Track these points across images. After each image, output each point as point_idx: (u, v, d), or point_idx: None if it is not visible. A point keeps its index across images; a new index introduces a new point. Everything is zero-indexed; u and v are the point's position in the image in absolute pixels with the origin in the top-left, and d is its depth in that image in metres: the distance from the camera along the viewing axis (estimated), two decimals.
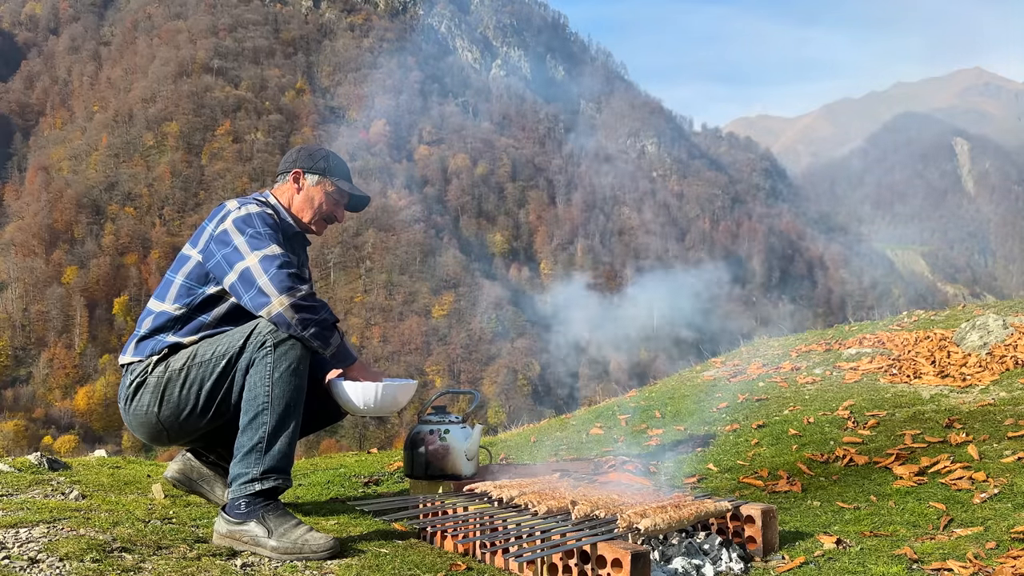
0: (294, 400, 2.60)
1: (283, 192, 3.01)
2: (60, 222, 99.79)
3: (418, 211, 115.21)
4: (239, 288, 2.64)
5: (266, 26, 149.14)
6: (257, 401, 2.57)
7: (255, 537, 2.48)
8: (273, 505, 2.54)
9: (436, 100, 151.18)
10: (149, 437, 2.83)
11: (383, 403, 2.81)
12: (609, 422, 4.98)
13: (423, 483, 3.18)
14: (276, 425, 2.56)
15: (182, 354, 2.72)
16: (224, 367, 2.65)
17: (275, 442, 2.55)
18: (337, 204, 3.03)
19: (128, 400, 2.77)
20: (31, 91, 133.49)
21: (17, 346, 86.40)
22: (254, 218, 2.75)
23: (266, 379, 2.58)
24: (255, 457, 2.54)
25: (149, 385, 2.72)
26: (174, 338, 2.75)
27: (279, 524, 2.50)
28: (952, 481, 3.17)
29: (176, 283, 2.80)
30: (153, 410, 2.72)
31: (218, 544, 2.52)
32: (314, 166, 3.00)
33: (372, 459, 4.52)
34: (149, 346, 2.77)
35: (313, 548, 2.45)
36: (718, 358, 6.84)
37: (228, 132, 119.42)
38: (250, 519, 2.50)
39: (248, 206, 2.81)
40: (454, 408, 3.40)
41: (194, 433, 2.81)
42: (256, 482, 2.52)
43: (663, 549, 2.50)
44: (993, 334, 5.26)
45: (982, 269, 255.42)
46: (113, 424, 75.39)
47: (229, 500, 2.56)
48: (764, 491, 3.34)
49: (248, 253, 2.65)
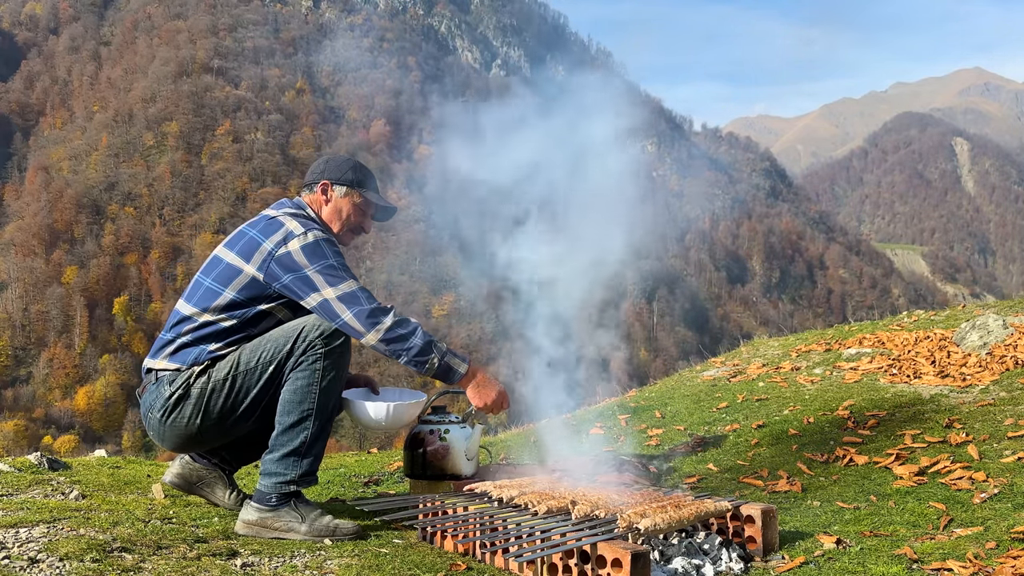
0: (334, 409, 2.74)
1: (313, 202, 3.00)
2: (60, 222, 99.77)
3: (418, 211, 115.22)
4: (322, 315, 2.68)
5: (266, 26, 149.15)
6: (303, 406, 2.64)
7: (288, 523, 2.64)
8: (302, 497, 2.71)
9: (436, 100, 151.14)
10: (179, 447, 2.84)
11: (393, 421, 2.92)
12: (609, 422, 4.97)
13: (423, 483, 3.18)
14: (317, 432, 2.68)
15: (224, 363, 2.70)
16: (271, 374, 2.68)
17: (313, 448, 2.69)
18: (365, 215, 3.03)
19: (167, 412, 2.72)
20: (31, 91, 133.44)
21: (17, 346, 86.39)
22: (323, 247, 2.73)
23: (314, 385, 2.65)
24: (293, 460, 2.66)
25: (191, 397, 2.69)
26: (217, 347, 2.73)
27: (308, 512, 2.66)
28: (952, 481, 3.17)
29: (225, 296, 2.75)
30: (195, 423, 2.71)
31: (242, 533, 2.64)
32: (342, 177, 2.98)
33: (372, 459, 4.52)
34: (192, 355, 2.73)
35: (344, 531, 2.64)
36: (718, 358, 6.84)
37: (228, 132, 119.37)
38: (282, 507, 2.65)
39: (314, 231, 2.77)
40: (454, 408, 3.40)
41: (228, 437, 2.83)
42: (292, 484, 2.66)
43: (663, 549, 2.50)
44: (993, 334, 5.26)
45: (982, 269, 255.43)
46: (113, 424, 75.44)
47: (259, 491, 2.67)
48: (764, 491, 3.34)
49: (324, 287, 2.66)
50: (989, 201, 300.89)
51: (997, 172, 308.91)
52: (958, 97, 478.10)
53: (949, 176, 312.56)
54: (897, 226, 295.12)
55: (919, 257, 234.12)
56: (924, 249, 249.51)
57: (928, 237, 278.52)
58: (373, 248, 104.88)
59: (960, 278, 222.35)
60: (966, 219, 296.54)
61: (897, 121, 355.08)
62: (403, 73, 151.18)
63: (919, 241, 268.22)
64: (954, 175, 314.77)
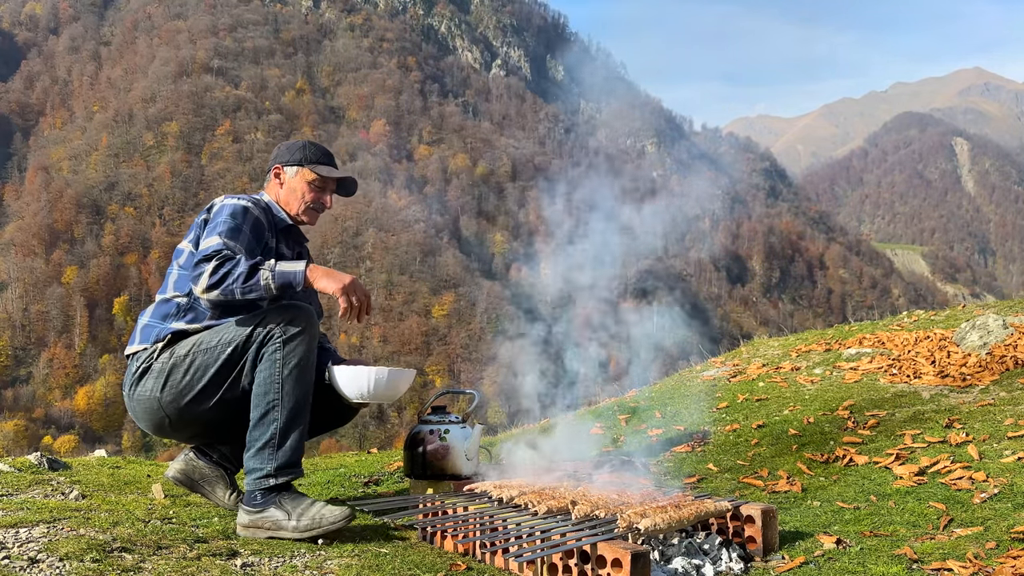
0: (303, 396, 2.68)
1: (271, 190, 3.07)
2: (60, 222, 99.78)
3: (418, 211, 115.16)
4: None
5: (266, 26, 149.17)
6: (268, 397, 2.64)
7: (276, 521, 2.62)
8: (287, 491, 2.68)
9: (436, 100, 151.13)
10: (152, 425, 2.84)
11: (378, 389, 2.84)
12: (609, 422, 4.97)
13: (423, 483, 3.18)
14: (287, 422, 2.65)
15: (187, 341, 2.75)
16: (230, 355, 2.68)
17: (287, 439, 2.65)
18: (321, 190, 3.04)
19: (132, 386, 2.80)
20: (31, 91, 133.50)
21: (17, 346, 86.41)
22: (226, 209, 2.81)
23: (276, 375, 2.64)
24: (268, 453, 2.65)
25: (153, 371, 2.76)
26: (178, 325, 2.78)
27: (296, 506, 2.64)
28: (952, 481, 3.17)
29: (174, 273, 2.85)
30: (156, 394, 2.74)
31: (242, 535, 2.64)
32: (291, 159, 3.04)
33: (372, 459, 4.52)
34: (153, 332, 2.80)
35: (330, 520, 2.60)
36: (718, 358, 6.84)
37: (228, 132, 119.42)
38: (268, 506, 2.64)
39: (228, 200, 2.87)
40: (454, 408, 3.40)
41: (197, 423, 2.82)
42: (271, 478, 2.64)
43: (663, 549, 2.50)
44: (993, 334, 5.26)
45: (982, 269, 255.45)
46: (113, 424, 75.45)
47: (246, 492, 2.68)
48: (764, 491, 3.34)
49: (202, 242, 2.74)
50: (989, 201, 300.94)
51: (997, 172, 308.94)
52: (958, 97, 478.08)
53: (949, 176, 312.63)
54: (897, 226, 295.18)
55: (919, 257, 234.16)
56: (924, 249, 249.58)
57: (928, 237, 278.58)
58: (373, 248, 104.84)
59: (960, 278, 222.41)
60: (966, 219, 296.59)
61: (897, 121, 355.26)
62: (403, 73, 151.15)
63: (919, 241, 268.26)
64: (954, 175, 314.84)
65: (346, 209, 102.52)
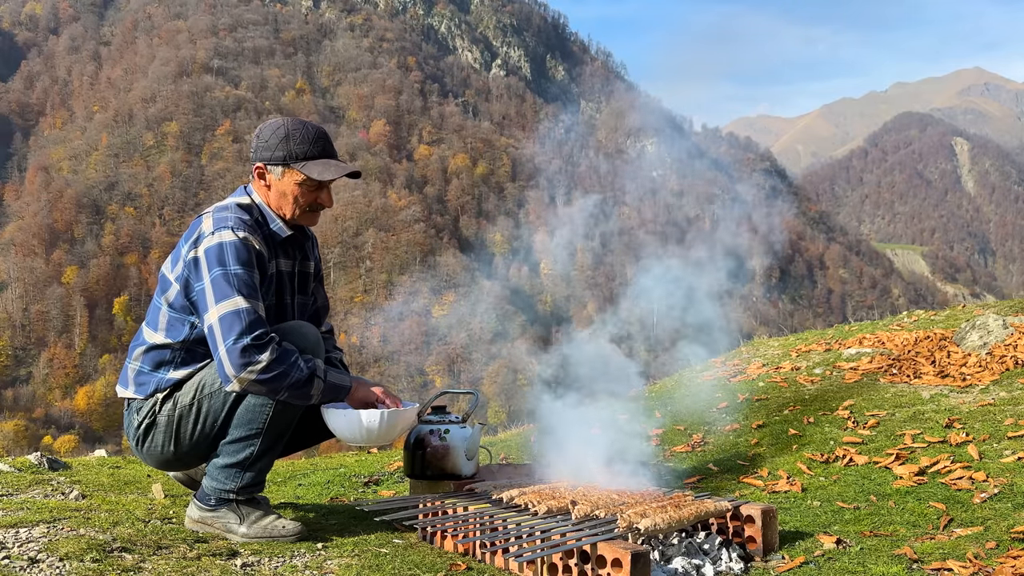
0: (286, 428, 2.62)
1: (258, 190, 2.70)
2: (60, 222, 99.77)
3: (418, 211, 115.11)
4: (209, 342, 2.50)
5: (266, 26, 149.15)
6: (253, 425, 2.55)
7: (227, 524, 2.59)
8: (246, 498, 2.64)
9: (436, 100, 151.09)
10: (163, 467, 2.80)
11: (371, 437, 2.63)
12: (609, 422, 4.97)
13: (423, 483, 3.17)
14: (264, 450, 2.60)
15: (188, 387, 2.60)
16: (236, 398, 2.55)
17: (257, 464, 2.61)
18: (318, 190, 2.66)
19: (139, 441, 2.68)
20: (31, 91, 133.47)
21: (17, 346, 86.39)
22: (226, 250, 2.48)
23: (267, 407, 2.53)
24: (235, 472, 2.59)
25: (160, 425, 2.62)
26: (177, 374, 2.61)
27: (250, 512, 2.61)
28: (952, 481, 3.17)
29: (163, 313, 2.62)
30: (169, 449, 2.64)
31: (188, 528, 2.62)
32: (272, 156, 2.61)
33: (372, 459, 4.52)
34: (151, 383, 2.63)
35: (280, 533, 2.57)
36: (718, 358, 6.83)
37: (228, 132, 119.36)
38: (222, 507, 2.60)
39: (221, 232, 2.51)
40: (454, 408, 3.39)
41: (208, 454, 2.72)
42: (232, 493, 2.60)
43: (663, 549, 2.50)
44: (993, 334, 5.26)
45: (982, 269, 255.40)
46: (113, 424, 75.36)
47: (202, 489, 2.64)
48: (764, 491, 3.34)
49: (212, 305, 2.44)
50: (989, 201, 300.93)
51: (997, 172, 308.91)
52: (958, 97, 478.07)
53: (949, 176, 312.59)
54: (897, 226, 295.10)
55: (919, 257, 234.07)
56: (924, 249, 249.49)
57: (928, 237, 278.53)
58: (373, 248, 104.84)
59: (960, 278, 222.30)
60: (966, 219, 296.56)
61: (897, 121, 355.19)
62: (403, 73, 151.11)
63: (919, 241, 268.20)
64: (954, 175, 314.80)
65: (346, 209, 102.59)
